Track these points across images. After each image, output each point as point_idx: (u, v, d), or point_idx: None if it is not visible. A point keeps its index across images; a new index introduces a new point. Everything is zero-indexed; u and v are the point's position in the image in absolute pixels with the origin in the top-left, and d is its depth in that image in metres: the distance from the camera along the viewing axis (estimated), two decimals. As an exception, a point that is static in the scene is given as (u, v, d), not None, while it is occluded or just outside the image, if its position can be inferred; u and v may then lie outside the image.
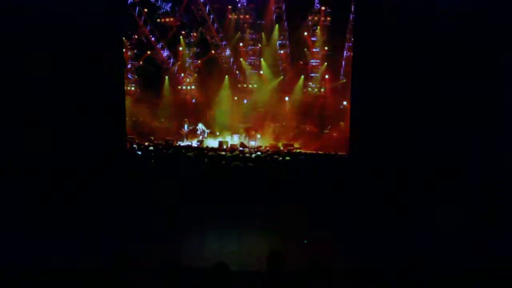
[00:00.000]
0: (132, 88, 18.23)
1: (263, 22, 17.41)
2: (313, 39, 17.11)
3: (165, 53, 18.21)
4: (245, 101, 17.95)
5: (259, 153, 11.65)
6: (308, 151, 13.57)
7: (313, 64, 17.46)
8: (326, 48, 17.02)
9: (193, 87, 18.53)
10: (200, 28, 17.80)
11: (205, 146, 14.37)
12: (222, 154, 10.96)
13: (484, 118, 7.48)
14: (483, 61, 7.40)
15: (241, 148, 13.53)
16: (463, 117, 7.61)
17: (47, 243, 5.74)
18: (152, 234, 6.71)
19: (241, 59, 17.78)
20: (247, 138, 16.23)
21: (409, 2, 7.78)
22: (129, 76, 18.04)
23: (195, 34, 18.02)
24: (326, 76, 17.19)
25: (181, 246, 6.47)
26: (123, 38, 14.64)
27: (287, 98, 17.29)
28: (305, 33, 17.07)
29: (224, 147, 14.64)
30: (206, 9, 16.97)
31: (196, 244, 6.59)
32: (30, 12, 7.84)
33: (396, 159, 7.87)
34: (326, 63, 17.08)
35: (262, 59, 17.43)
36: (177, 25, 17.75)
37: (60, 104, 8.13)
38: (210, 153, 10.98)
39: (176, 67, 18.55)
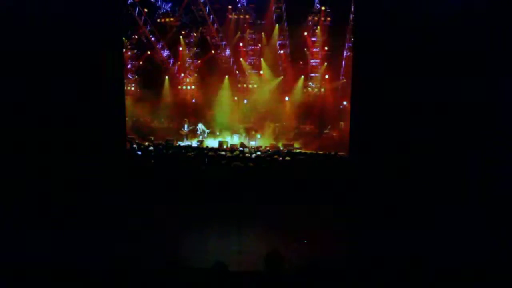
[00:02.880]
0: (132, 88, 18.23)
1: (263, 22, 17.42)
2: (313, 39, 17.12)
3: (165, 53, 18.22)
4: (245, 101, 17.95)
5: (259, 153, 11.65)
6: (308, 151, 13.57)
7: (313, 64, 17.47)
8: (326, 48, 17.02)
9: (193, 87, 18.54)
10: (200, 28, 17.81)
11: (205, 146, 14.37)
12: (222, 154, 10.96)
13: (484, 118, 7.49)
14: (481, 60, 7.40)
15: (241, 148, 13.52)
16: (465, 116, 7.61)
17: (47, 243, 5.74)
18: (152, 234, 6.72)
19: (241, 59, 17.78)
20: (247, 138, 16.22)
21: (410, 2, 7.78)
22: (129, 76, 18.05)
23: (195, 34, 18.02)
24: (326, 76, 17.19)
25: (181, 246, 6.48)
26: (123, 38, 14.65)
27: (287, 98, 17.29)
28: (305, 33, 17.07)
29: (224, 147, 14.64)
30: (206, 9, 16.97)
31: (196, 244, 6.59)
32: (29, 12, 7.84)
33: (397, 159, 7.87)
34: (326, 63, 17.09)
35: (262, 59, 17.43)
36: (177, 25, 17.76)
37: (60, 104, 8.13)
38: (210, 153, 10.98)
39: (176, 67, 18.56)
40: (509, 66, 7.27)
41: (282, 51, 17.65)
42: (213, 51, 18.22)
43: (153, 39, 17.63)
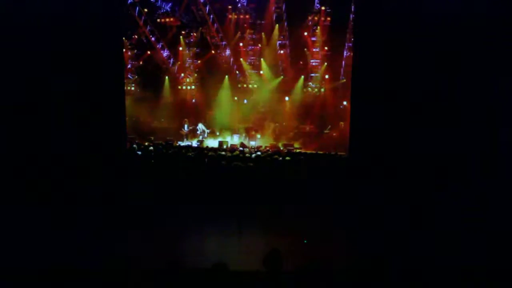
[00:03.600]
0: (132, 88, 18.22)
1: (263, 22, 17.41)
2: (313, 39, 17.11)
3: (165, 53, 18.21)
4: (245, 101, 17.94)
5: (259, 153, 11.64)
6: (308, 151, 13.56)
7: (313, 64, 17.46)
8: (326, 48, 17.02)
9: (193, 87, 18.53)
10: (200, 28, 17.80)
11: (205, 146, 14.37)
12: (222, 154, 10.96)
13: (484, 119, 7.50)
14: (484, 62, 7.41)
15: (241, 148, 13.52)
16: (464, 117, 7.61)
17: (46, 243, 5.74)
18: (152, 234, 6.72)
19: (241, 59, 17.77)
20: (247, 138, 16.22)
21: (409, 2, 7.78)
22: (129, 76, 18.04)
23: (195, 34, 18.02)
24: (326, 76, 17.18)
25: (181, 246, 6.48)
26: (123, 38, 14.65)
27: (287, 98, 17.28)
28: (305, 33, 17.07)
29: (224, 147, 14.64)
30: (206, 9, 16.97)
31: (196, 244, 6.59)
32: (30, 12, 7.85)
33: (396, 159, 7.87)
34: (326, 63, 17.08)
35: (262, 59, 17.42)
36: (177, 25, 17.75)
37: (60, 104, 8.14)
38: (210, 153, 10.98)
39: (176, 67, 18.55)
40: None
41: (282, 51, 17.64)
42: (213, 51, 18.22)
43: (153, 39, 17.62)
